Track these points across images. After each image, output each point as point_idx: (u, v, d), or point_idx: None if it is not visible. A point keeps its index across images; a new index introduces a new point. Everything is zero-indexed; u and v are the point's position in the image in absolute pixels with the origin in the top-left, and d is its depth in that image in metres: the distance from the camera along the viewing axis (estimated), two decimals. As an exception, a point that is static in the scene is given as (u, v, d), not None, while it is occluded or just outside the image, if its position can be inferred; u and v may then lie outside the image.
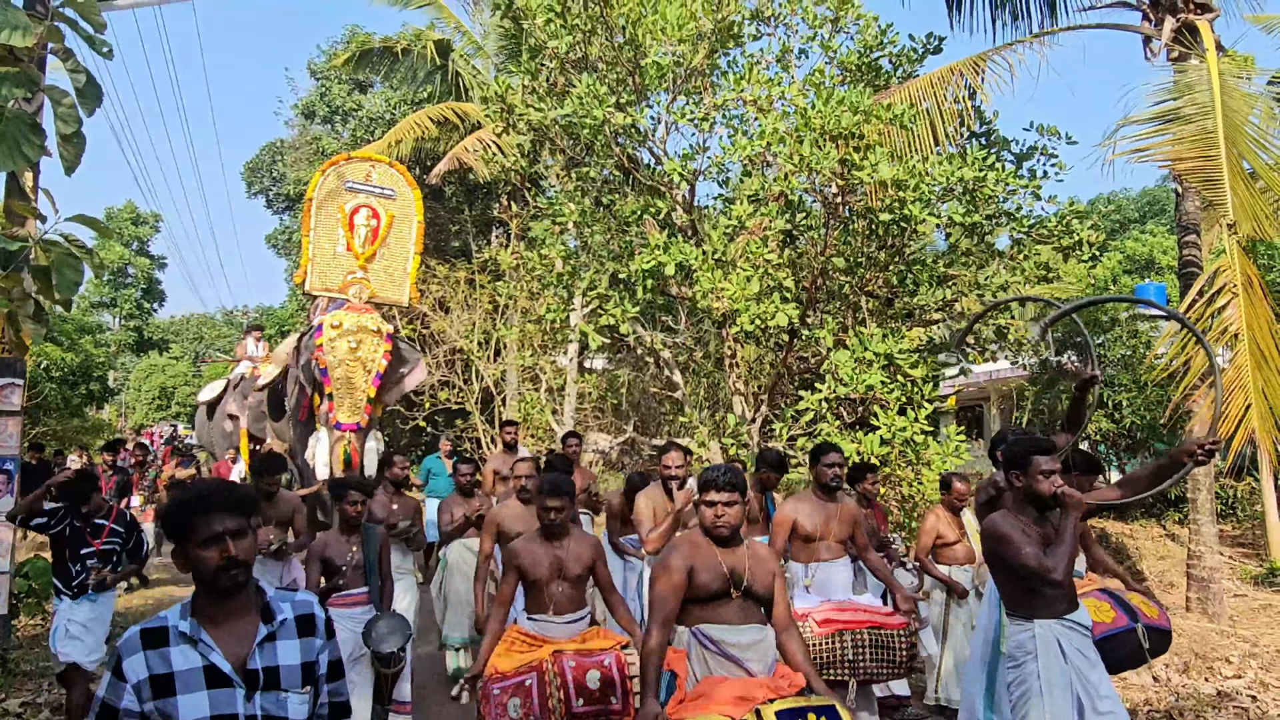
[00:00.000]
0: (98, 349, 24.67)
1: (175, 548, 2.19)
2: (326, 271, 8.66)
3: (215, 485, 2.26)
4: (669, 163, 9.01)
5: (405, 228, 8.99)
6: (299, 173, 24.73)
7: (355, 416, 8.16)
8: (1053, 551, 3.37)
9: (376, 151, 16.99)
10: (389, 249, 8.96)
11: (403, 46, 16.35)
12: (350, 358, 8.25)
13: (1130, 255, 27.93)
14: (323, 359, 8.15)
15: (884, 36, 9.24)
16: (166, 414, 41.45)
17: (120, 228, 44.00)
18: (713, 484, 3.29)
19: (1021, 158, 8.63)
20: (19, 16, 2.92)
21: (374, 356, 8.30)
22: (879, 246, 8.56)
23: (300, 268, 8.58)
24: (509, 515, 5.26)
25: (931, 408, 7.81)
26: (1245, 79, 8.27)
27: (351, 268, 8.76)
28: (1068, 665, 3.45)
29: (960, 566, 5.84)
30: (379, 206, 8.84)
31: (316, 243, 8.62)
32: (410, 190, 9.07)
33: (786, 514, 4.85)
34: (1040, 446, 3.56)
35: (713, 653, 3.26)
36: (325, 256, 8.70)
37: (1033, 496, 3.52)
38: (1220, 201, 7.01)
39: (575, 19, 9.12)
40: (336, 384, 8.18)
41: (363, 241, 8.71)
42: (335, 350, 8.19)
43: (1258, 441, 6.54)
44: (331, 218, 8.75)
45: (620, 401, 14.24)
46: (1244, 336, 6.58)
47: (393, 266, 8.98)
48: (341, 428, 8.10)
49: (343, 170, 8.83)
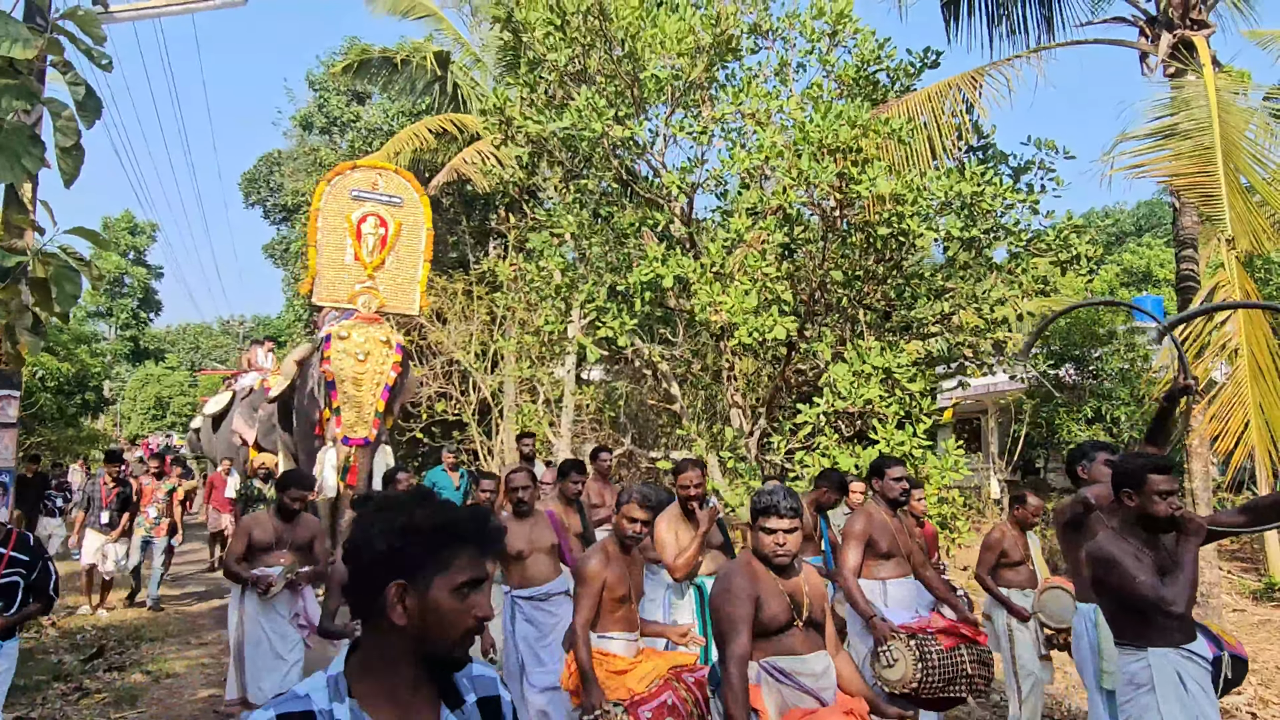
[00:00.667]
0: (93, 359, 24.60)
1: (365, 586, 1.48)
2: (334, 282, 8.44)
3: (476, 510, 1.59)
4: (667, 175, 9.02)
5: (414, 235, 8.82)
6: (297, 183, 24.73)
7: (363, 431, 7.89)
8: (1172, 581, 3.08)
9: (374, 163, 17.06)
10: (398, 257, 8.75)
11: (401, 58, 16.38)
12: (358, 370, 7.94)
13: (1127, 268, 28.01)
14: (329, 371, 7.87)
15: (881, 51, 9.26)
16: (162, 424, 41.32)
17: (117, 237, 43.97)
18: (773, 510, 3.14)
19: (1019, 172, 8.64)
20: (19, 29, 2.91)
21: (383, 369, 8.02)
22: (877, 260, 8.57)
23: (307, 278, 8.35)
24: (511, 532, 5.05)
25: (930, 421, 7.80)
26: (1242, 94, 8.30)
27: (360, 277, 8.54)
28: (1190, 700, 3.14)
29: (1021, 590, 5.37)
30: (387, 214, 8.64)
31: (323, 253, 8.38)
32: (418, 197, 8.92)
33: (860, 530, 4.65)
34: (1157, 465, 3.27)
35: (787, 686, 3.10)
36: (333, 267, 8.46)
37: (1145, 518, 3.25)
38: (1218, 217, 7.01)
39: (574, 32, 9.15)
40: (344, 397, 7.87)
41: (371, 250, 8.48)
42: (342, 362, 7.91)
43: (1255, 456, 6.53)
44: (338, 228, 8.51)
45: (618, 414, 14.21)
46: (1243, 352, 6.58)
47: (402, 275, 8.78)
48: (349, 443, 7.85)
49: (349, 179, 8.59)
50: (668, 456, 9.89)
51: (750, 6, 9.19)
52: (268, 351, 13.57)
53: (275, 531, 5.34)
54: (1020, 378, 10.81)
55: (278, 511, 5.40)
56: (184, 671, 6.90)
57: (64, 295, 3.53)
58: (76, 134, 3.22)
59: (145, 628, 8.30)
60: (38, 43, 2.95)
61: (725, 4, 9.03)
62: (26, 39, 2.85)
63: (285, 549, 5.34)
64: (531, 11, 9.38)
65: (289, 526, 5.39)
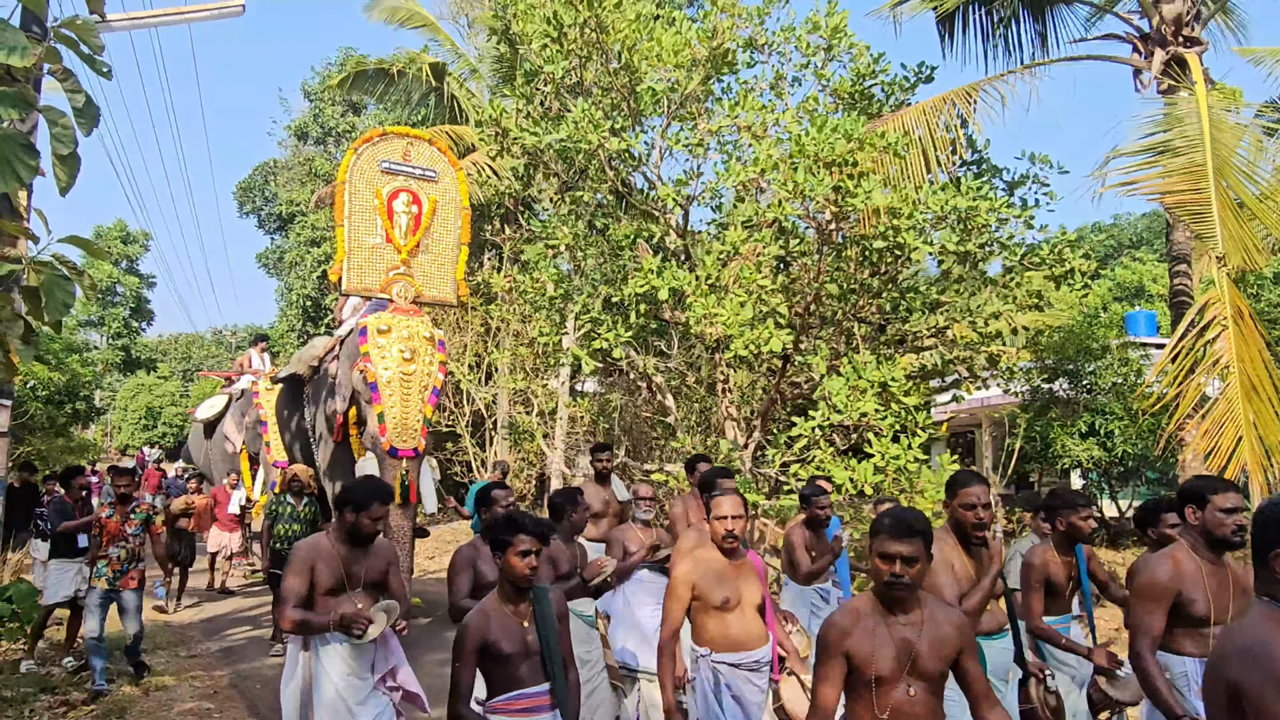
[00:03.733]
0: (84, 368, 24.47)
1: None
2: (364, 267, 7.43)
3: None
4: (663, 188, 9.04)
5: (450, 214, 7.80)
6: (291, 193, 24.75)
7: (412, 441, 6.95)
8: None
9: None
10: (433, 239, 7.71)
11: (398, 69, 16.41)
12: (405, 371, 6.95)
13: (1120, 283, 28.14)
14: (371, 371, 6.85)
15: (876, 65, 9.32)
16: (153, 433, 41.10)
17: (110, 246, 43.86)
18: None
19: (1013, 186, 8.69)
20: (17, 37, 2.90)
21: (430, 369, 7.12)
22: (872, 273, 8.59)
23: (335, 263, 7.39)
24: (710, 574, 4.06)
25: (925, 435, 7.80)
26: (1234, 111, 8.36)
27: (393, 262, 7.50)
28: None
29: None
30: (420, 190, 7.63)
31: (352, 233, 7.39)
32: (454, 171, 7.95)
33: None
34: None
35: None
36: (362, 250, 7.44)
37: None
38: (1209, 234, 7.05)
39: (571, 44, 9.18)
40: (389, 402, 6.86)
41: (404, 232, 7.49)
42: (386, 361, 6.92)
43: (1248, 473, 6.53)
44: (367, 204, 7.46)
45: (612, 426, 14.18)
46: (1234, 369, 6.59)
47: (438, 260, 7.75)
48: (398, 454, 6.88)
49: (377, 148, 7.56)
50: (662, 469, 9.87)
51: (746, 21, 9.23)
52: (262, 353, 13.26)
53: (343, 562, 3.87)
54: (1014, 391, 10.83)
55: (347, 535, 3.91)
56: (174, 684, 6.83)
57: (56, 304, 3.50)
58: (73, 142, 3.21)
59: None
60: (36, 51, 2.94)
61: (721, 18, 9.07)
62: (25, 47, 2.84)
63: (359, 588, 3.92)
64: (529, 24, 9.42)
65: (360, 555, 3.93)
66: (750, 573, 3.78)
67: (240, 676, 7.10)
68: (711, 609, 3.67)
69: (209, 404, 13.28)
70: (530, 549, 3.03)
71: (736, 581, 3.71)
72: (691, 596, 3.67)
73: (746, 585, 3.74)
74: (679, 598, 3.65)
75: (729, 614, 3.67)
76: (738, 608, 3.70)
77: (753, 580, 3.77)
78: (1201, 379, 6.80)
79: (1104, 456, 11.62)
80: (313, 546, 3.85)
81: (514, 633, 3.06)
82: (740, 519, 3.71)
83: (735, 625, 3.69)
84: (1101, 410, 11.63)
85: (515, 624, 3.08)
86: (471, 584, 4.09)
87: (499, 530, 3.10)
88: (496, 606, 3.09)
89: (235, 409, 12.13)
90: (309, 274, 23.26)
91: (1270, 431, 6.38)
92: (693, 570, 3.68)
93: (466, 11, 19.40)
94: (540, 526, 3.10)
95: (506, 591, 3.11)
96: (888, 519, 2.62)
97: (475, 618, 3.04)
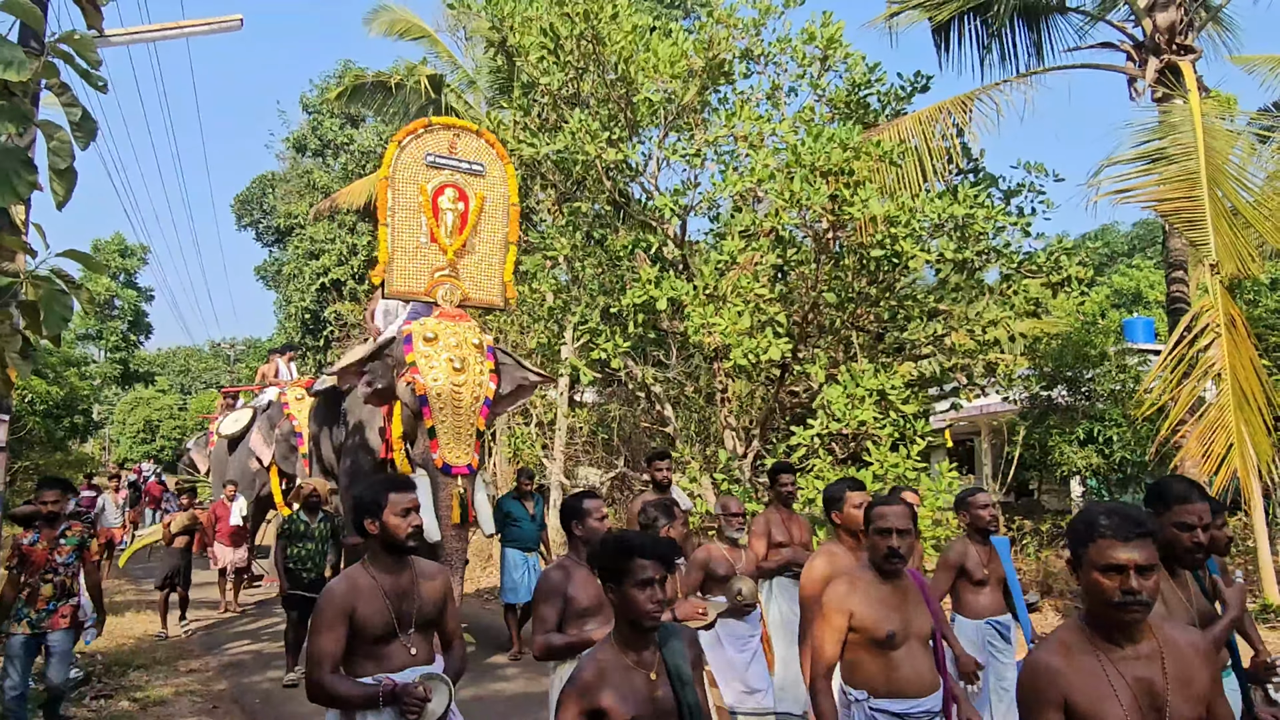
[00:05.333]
0: (82, 382, 24.47)
1: None
2: (409, 268, 6.92)
3: None
4: (660, 198, 9.06)
5: (498, 211, 7.30)
6: (289, 205, 24.78)
7: (467, 457, 6.46)
8: None
9: (368, 184, 17.08)
10: (480, 239, 7.21)
11: (396, 81, 16.46)
12: (456, 382, 6.45)
13: (1118, 289, 28.20)
14: (420, 383, 6.37)
15: (871, 75, 9.37)
16: (151, 447, 41.05)
17: (108, 259, 43.89)
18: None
19: (1010, 194, 8.72)
20: (15, 52, 2.91)
21: (481, 379, 6.60)
22: (870, 282, 8.61)
23: (379, 264, 6.89)
24: None
25: (924, 444, 7.80)
26: (1228, 119, 8.40)
27: (439, 263, 6.98)
28: None
29: None
30: (466, 186, 7.14)
31: (396, 232, 6.87)
32: (502, 166, 7.40)
33: None
34: None
35: None
36: (407, 249, 6.92)
37: None
38: (1203, 242, 7.08)
39: (568, 56, 9.22)
40: (440, 417, 6.38)
41: (450, 230, 7.00)
42: (437, 373, 6.42)
43: (1241, 479, 6.54)
44: (412, 201, 6.95)
45: (611, 436, 14.18)
46: (1226, 376, 6.61)
47: (485, 260, 7.25)
48: (453, 471, 6.40)
49: (423, 140, 7.06)
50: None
51: (742, 32, 9.29)
52: (289, 361, 12.68)
53: (389, 598, 2.95)
54: (1013, 399, 10.83)
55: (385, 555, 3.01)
56: (171, 698, 6.80)
57: (54, 318, 3.50)
58: (70, 156, 3.21)
59: (133, 655, 8.17)
60: (33, 65, 2.95)
61: (718, 29, 9.12)
62: (22, 62, 2.85)
63: (411, 628, 3.02)
64: (526, 36, 9.46)
65: (409, 585, 3.02)
66: (917, 598, 3.12)
67: (241, 690, 7.07)
68: (871, 644, 2.98)
69: (233, 418, 12.49)
70: (653, 577, 2.34)
71: (904, 610, 3.03)
72: (848, 627, 2.98)
73: (915, 614, 3.07)
74: (835, 628, 2.97)
75: (895, 651, 2.99)
76: (905, 643, 3.00)
77: (921, 608, 3.11)
78: (1196, 384, 6.82)
79: (1103, 464, 11.60)
80: (348, 586, 2.92)
81: (638, 690, 2.30)
82: (909, 535, 3.07)
83: (904, 665, 2.99)
84: (1100, 417, 11.62)
85: (640, 678, 2.33)
86: (562, 614, 3.38)
87: (610, 556, 2.43)
88: (613, 656, 2.35)
89: (262, 422, 11.40)
90: (307, 286, 23.28)
91: (1260, 439, 6.39)
92: (850, 594, 3.02)
93: (464, 23, 19.48)
94: (662, 547, 2.43)
95: (625, 635, 2.38)
96: (1106, 517, 1.98)
97: (589, 669, 2.31)
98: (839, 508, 4.02)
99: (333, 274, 22.64)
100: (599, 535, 3.39)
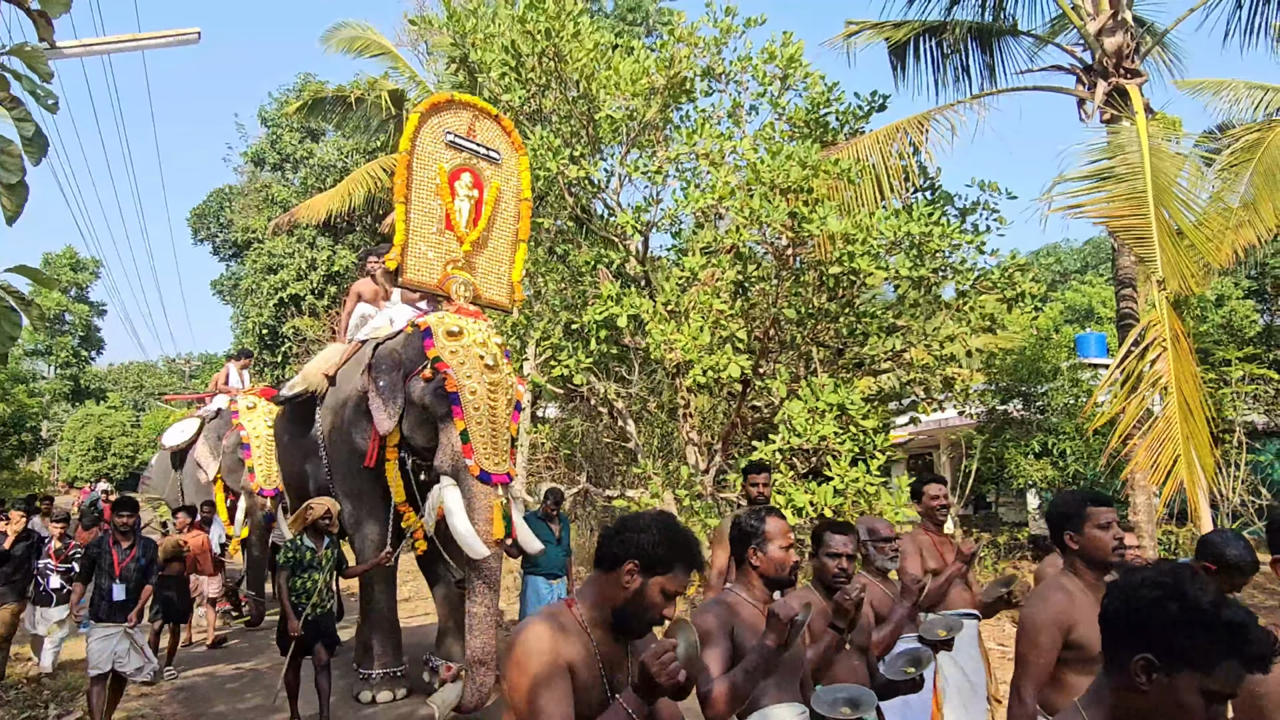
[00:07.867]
0: (31, 399, 23.83)
1: None
2: (424, 257, 6.34)
3: None
4: (622, 214, 9.11)
5: (510, 204, 6.77)
6: (247, 219, 24.46)
7: (506, 464, 5.89)
8: None
9: (328, 199, 16.92)
10: (493, 233, 6.70)
11: (356, 95, 16.37)
12: (491, 381, 5.86)
13: (1071, 305, 28.81)
14: (453, 380, 5.78)
15: (830, 94, 9.52)
16: (102, 465, 40.09)
17: (58, 273, 42.91)
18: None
19: (965, 212, 8.89)
20: (-38, 65, 2.86)
21: (511, 380, 6.10)
22: (829, 298, 8.72)
23: (394, 247, 6.26)
24: None
25: (884, 458, 7.89)
26: (1174, 140, 8.65)
27: (453, 254, 6.40)
28: None
29: None
30: (482, 173, 6.61)
31: (413, 215, 6.30)
32: (517, 155, 6.89)
33: None
34: None
35: None
36: (423, 236, 6.34)
37: None
38: (1150, 258, 7.26)
39: (530, 73, 9.25)
40: (474, 419, 5.77)
41: (466, 220, 6.46)
42: (468, 370, 5.83)
43: (1186, 490, 6.69)
44: (430, 182, 6.36)
45: (573, 452, 14.14)
46: (1173, 389, 6.77)
47: (495, 256, 6.73)
48: (492, 479, 5.77)
49: (443, 116, 6.47)
50: (624, 495, 9.85)
51: (704, 50, 9.39)
52: (241, 369, 11.96)
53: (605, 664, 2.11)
54: (970, 413, 11.00)
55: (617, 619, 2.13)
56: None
57: (2, 336, 3.42)
58: (21, 171, 3.16)
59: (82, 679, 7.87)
60: (-19, 78, 2.90)
61: (679, 47, 9.22)
62: (-31, 75, 2.80)
63: None
64: (487, 53, 9.48)
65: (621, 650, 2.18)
66: None
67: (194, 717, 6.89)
68: (1086, 663, 2.55)
69: (178, 429, 11.82)
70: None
71: None
72: (1063, 645, 2.61)
73: None
74: (1051, 643, 2.61)
75: None
76: None
77: None
78: (1144, 398, 6.97)
79: (1057, 476, 11.83)
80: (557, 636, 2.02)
81: None
82: None
83: None
84: (1054, 430, 11.86)
85: None
86: (729, 657, 2.59)
87: None
88: None
89: (209, 432, 10.79)
90: (265, 301, 22.95)
91: (1204, 451, 6.56)
92: (1069, 608, 2.63)
93: (426, 38, 19.44)
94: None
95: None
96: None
97: None
98: (1077, 527, 2.84)
99: (291, 289, 22.35)
100: None
